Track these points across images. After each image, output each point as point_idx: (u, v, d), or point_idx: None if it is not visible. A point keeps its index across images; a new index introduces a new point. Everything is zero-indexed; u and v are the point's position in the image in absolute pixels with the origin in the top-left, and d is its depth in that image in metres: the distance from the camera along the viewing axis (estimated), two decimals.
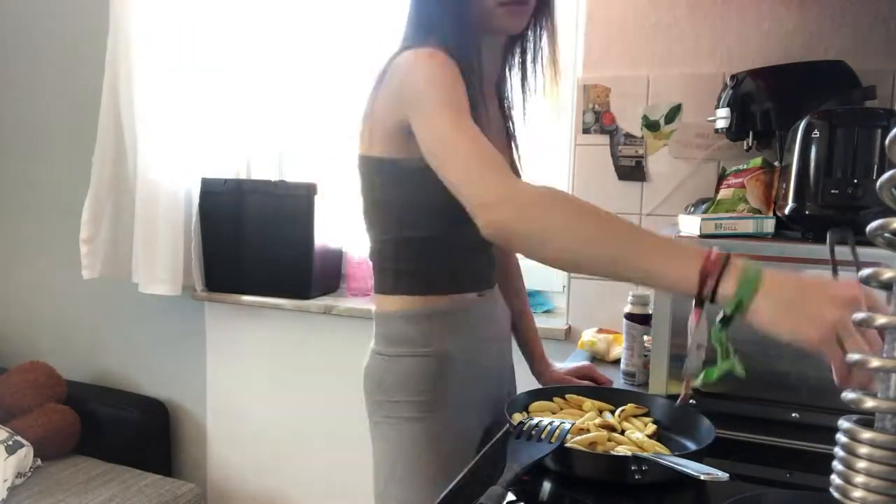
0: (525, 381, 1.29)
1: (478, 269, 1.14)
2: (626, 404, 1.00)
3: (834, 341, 0.63)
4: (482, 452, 0.96)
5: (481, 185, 0.85)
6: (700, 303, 0.71)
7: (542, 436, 0.84)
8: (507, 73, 1.17)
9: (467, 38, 1.02)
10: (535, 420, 0.88)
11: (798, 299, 0.66)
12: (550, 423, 0.87)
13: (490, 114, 1.08)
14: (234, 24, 2.09)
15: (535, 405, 1.01)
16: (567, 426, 0.87)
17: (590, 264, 0.79)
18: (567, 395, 1.04)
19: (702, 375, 0.75)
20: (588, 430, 0.90)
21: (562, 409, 1.02)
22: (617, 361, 1.42)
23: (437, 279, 1.08)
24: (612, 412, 0.99)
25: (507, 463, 0.79)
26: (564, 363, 1.36)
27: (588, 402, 1.02)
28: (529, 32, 1.13)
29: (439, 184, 0.89)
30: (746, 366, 0.71)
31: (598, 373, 1.30)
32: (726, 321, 0.70)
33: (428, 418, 1.05)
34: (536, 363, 1.33)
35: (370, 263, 1.15)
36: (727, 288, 0.68)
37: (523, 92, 1.17)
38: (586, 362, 1.37)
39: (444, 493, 0.82)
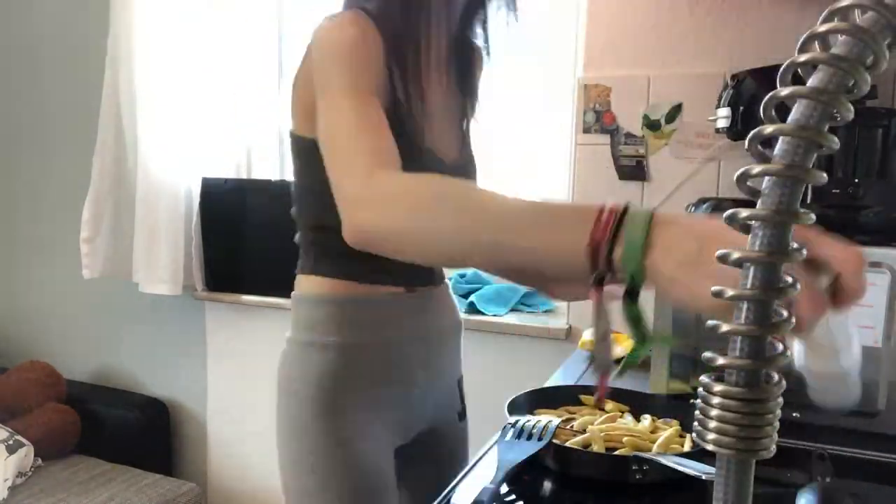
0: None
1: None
2: (633, 406, 0.98)
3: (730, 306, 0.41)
4: (482, 453, 0.96)
5: (345, 182, 0.74)
6: (599, 280, 0.54)
7: (532, 433, 0.84)
8: (471, 34, 1.03)
9: (402, 3, 0.90)
10: (524, 419, 0.88)
11: (700, 252, 0.47)
12: (538, 422, 0.86)
13: (434, 82, 0.99)
14: (233, 24, 2.09)
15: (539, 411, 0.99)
16: (554, 424, 0.86)
17: (465, 257, 0.64)
18: (581, 396, 1.02)
19: (619, 367, 0.60)
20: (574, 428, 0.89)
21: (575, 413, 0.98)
22: (617, 361, 1.41)
23: (357, 266, 0.97)
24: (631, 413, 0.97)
25: (498, 463, 0.80)
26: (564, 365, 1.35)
27: (611, 404, 0.98)
28: None
29: None
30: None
31: None
32: (632, 294, 0.53)
33: (331, 420, 0.95)
34: None
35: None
36: (620, 254, 0.52)
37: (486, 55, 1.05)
38: None
39: (444, 493, 0.82)
